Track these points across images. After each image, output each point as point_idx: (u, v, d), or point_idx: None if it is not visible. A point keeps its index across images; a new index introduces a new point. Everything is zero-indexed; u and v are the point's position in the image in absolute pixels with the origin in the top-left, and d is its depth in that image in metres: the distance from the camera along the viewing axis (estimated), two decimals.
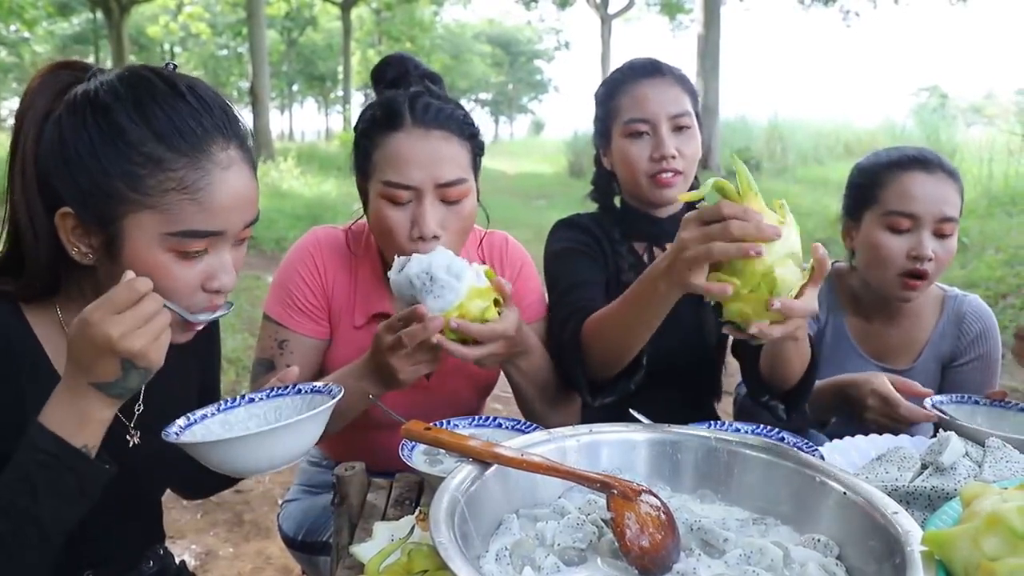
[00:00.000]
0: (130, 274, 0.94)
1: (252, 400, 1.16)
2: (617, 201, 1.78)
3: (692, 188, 1.72)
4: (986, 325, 1.76)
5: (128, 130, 0.96)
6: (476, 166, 1.46)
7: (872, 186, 1.71)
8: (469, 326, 1.25)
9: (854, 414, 1.58)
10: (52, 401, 0.95)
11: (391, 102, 1.41)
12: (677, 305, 1.65)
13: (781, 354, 1.38)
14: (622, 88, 1.66)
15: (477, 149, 1.46)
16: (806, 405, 1.49)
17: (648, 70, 1.66)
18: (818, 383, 1.67)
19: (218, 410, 1.12)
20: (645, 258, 1.71)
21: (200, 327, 1.09)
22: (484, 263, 1.50)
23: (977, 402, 1.54)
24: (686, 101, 1.64)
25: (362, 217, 1.56)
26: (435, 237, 1.38)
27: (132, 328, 0.91)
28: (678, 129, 1.62)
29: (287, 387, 1.18)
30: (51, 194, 0.99)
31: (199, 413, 1.10)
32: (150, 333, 0.92)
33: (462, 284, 1.25)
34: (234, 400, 1.15)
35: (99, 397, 0.93)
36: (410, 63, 1.49)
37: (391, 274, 1.29)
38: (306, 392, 1.18)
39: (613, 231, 1.71)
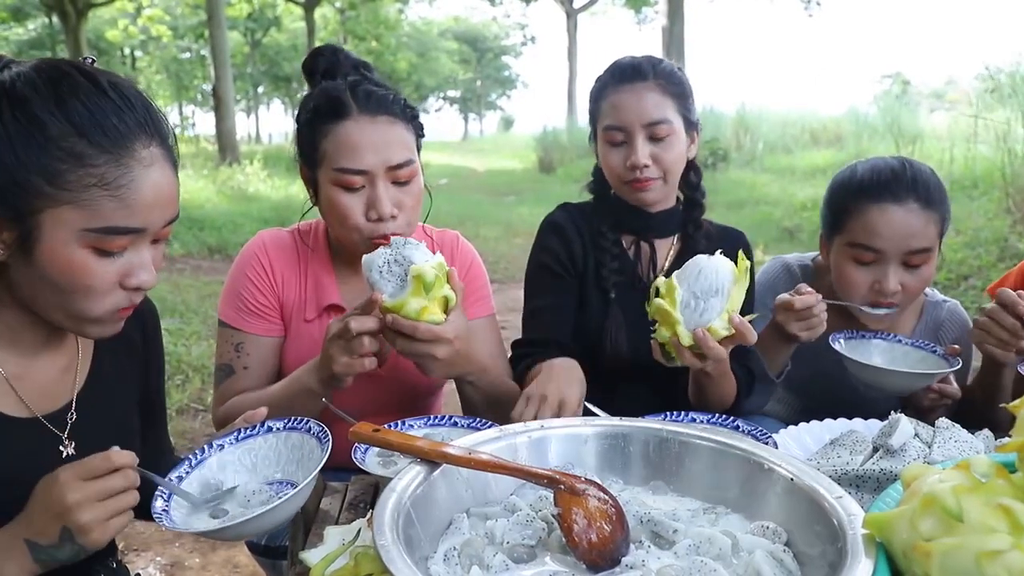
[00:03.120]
0: (115, 448, 0.93)
1: (221, 447, 1.14)
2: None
3: (691, 196, 1.73)
4: (962, 334, 1.76)
5: (48, 124, 0.93)
6: (419, 147, 1.52)
7: (840, 212, 1.66)
8: (402, 322, 1.25)
9: (789, 337, 1.57)
10: None
11: (332, 92, 1.45)
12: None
13: (701, 388, 1.52)
14: (604, 92, 1.66)
15: (419, 131, 1.52)
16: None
17: (628, 74, 1.62)
18: (760, 334, 1.68)
19: (191, 467, 1.10)
20: (631, 252, 1.71)
21: (127, 315, 1.06)
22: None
23: (900, 341, 1.64)
24: (667, 107, 1.60)
25: (310, 209, 1.59)
26: (392, 217, 1.43)
27: (89, 499, 0.90)
28: (655, 137, 1.59)
29: (255, 427, 1.16)
30: None
31: (174, 475, 1.07)
32: (103, 510, 0.91)
33: (409, 279, 1.24)
34: (203, 451, 1.13)
35: (23, 556, 0.92)
36: (340, 53, 1.53)
37: (364, 261, 1.30)
38: (278, 430, 1.16)
39: (603, 223, 1.71)
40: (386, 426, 1.16)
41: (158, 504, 1.01)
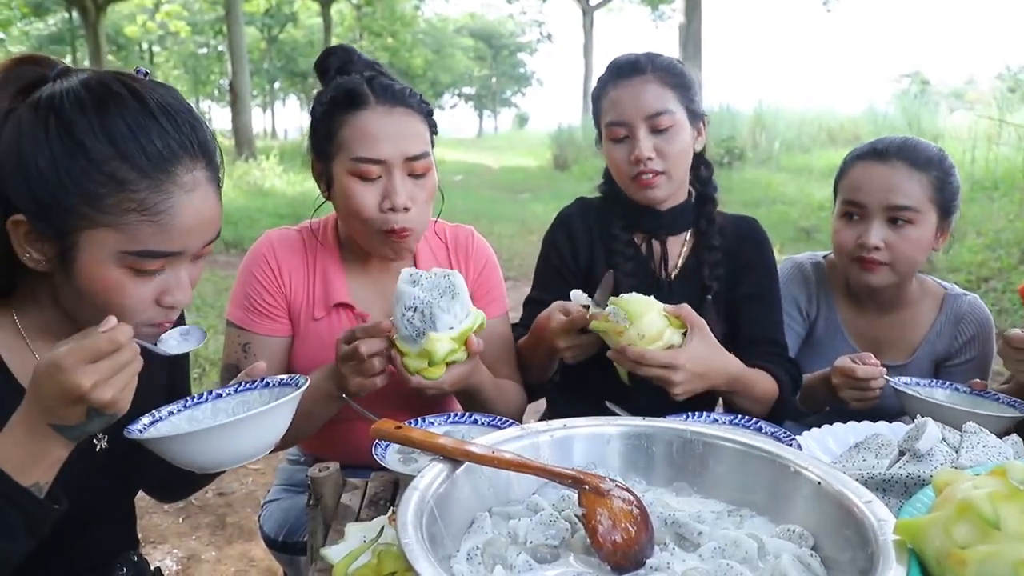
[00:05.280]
0: (111, 321, 0.91)
1: (219, 396, 1.15)
2: None
3: (703, 191, 1.71)
4: (983, 327, 1.75)
5: (91, 147, 0.93)
6: (432, 144, 1.52)
7: (839, 177, 1.75)
8: (399, 368, 1.31)
9: (839, 401, 1.58)
10: (4, 436, 0.91)
11: (349, 84, 1.46)
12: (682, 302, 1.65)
13: (730, 403, 1.56)
14: (604, 90, 1.65)
15: (433, 127, 1.52)
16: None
17: (626, 70, 1.62)
18: (807, 378, 1.68)
19: (184, 406, 1.11)
20: (643, 248, 1.70)
21: (162, 330, 1.07)
22: (453, 267, 1.60)
23: (957, 389, 1.54)
24: (668, 98, 1.58)
25: (321, 206, 1.58)
26: (406, 209, 1.43)
27: (105, 378, 0.88)
28: (658, 129, 1.57)
29: (254, 381, 1.17)
30: (4, 198, 0.96)
31: (165, 410, 1.08)
32: (121, 383, 0.90)
33: (421, 342, 1.27)
34: (200, 396, 1.14)
35: (57, 438, 0.91)
36: (352, 53, 1.54)
37: (401, 282, 1.31)
38: (274, 385, 1.17)
39: (614, 223, 1.70)
40: (407, 423, 1.16)
41: (143, 418, 1.03)
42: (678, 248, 1.71)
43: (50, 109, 0.94)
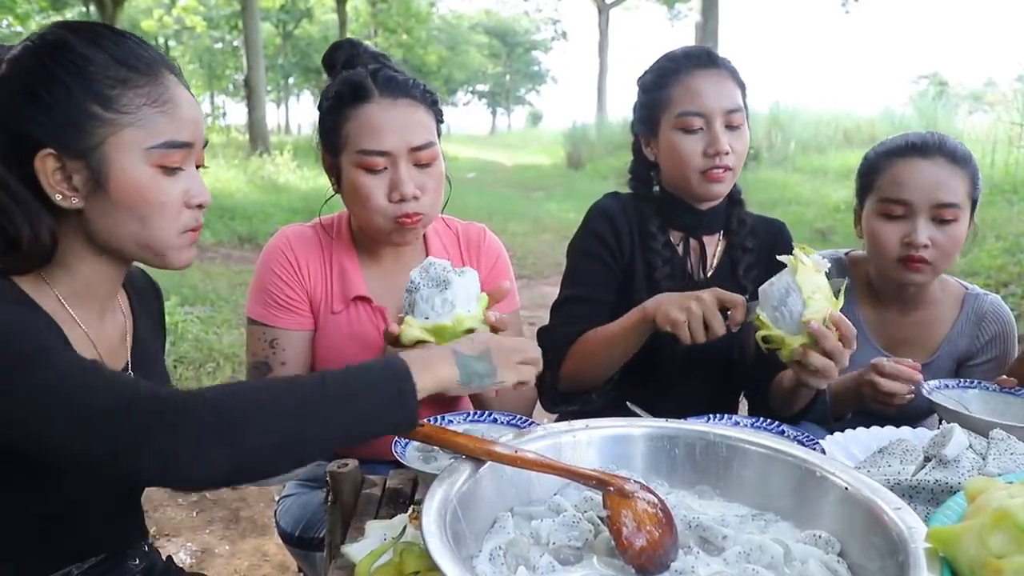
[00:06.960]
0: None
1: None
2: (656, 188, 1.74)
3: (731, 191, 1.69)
4: (1004, 327, 1.73)
5: (92, 57, 1.01)
6: (439, 132, 1.53)
7: (871, 173, 1.70)
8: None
9: (866, 407, 1.56)
10: (412, 350, 1.06)
11: (353, 78, 1.47)
12: None
13: (792, 391, 1.51)
14: (675, 78, 1.60)
15: (439, 116, 1.53)
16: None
17: (703, 60, 1.60)
18: (833, 384, 1.65)
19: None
20: (680, 249, 1.68)
21: (196, 239, 1.13)
22: (466, 265, 1.58)
23: (987, 388, 1.52)
24: (739, 95, 1.59)
25: (331, 197, 1.59)
26: (415, 198, 1.44)
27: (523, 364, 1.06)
28: (731, 126, 1.57)
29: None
30: (22, 146, 0.99)
31: None
32: (522, 372, 1.06)
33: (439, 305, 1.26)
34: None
35: (451, 362, 0.99)
36: (359, 46, 1.56)
37: (413, 271, 1.31)
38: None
39: (650, 221, 1.67)
40: (427, 421, 1.16)
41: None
42: (712, 248, 1.69)
43: (35, 50, 1.01)
